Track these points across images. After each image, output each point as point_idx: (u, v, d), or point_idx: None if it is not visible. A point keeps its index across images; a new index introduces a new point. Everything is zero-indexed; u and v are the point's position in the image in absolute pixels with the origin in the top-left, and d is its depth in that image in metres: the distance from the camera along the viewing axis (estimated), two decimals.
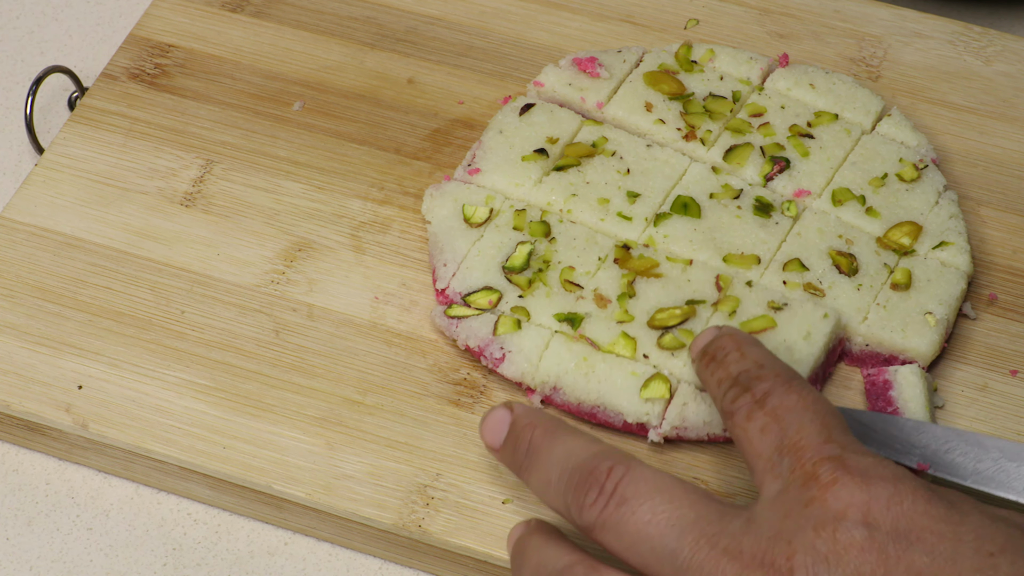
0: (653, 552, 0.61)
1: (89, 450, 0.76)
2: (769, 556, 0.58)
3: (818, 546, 0.58)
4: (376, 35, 0.91)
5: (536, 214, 0.79)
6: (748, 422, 0.63)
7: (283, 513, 0.74)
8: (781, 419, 0.62)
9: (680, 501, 0.61)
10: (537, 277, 0.77)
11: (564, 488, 0.64)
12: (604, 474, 0.63)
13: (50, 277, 0.80)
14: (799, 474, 0.60)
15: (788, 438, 0.62)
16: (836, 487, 0.59)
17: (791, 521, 0.59)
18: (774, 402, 0.63)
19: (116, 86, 0.88)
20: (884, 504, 0.59)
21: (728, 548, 0.59)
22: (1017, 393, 0.77)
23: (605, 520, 0.62)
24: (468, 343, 0.76)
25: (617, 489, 0.62)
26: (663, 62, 0.86)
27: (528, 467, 0.66)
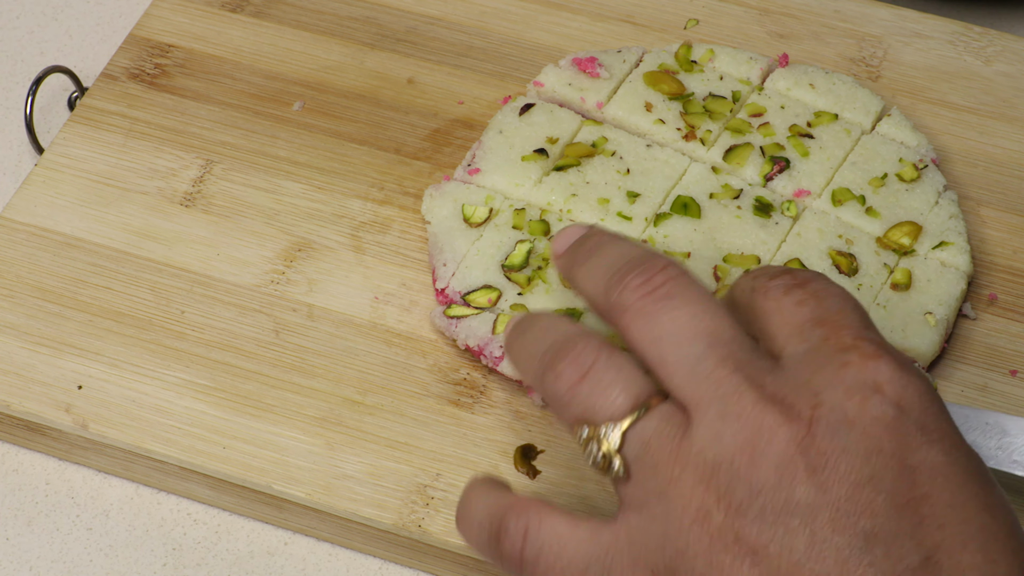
0: (677, 351, 0.59)
1: (89, 450, 0.76)
2: (791, 399, 0.57)
3: (847, 408, 0.57)
4: (376, 35, 0.91)
5: (535, 213, 0.79)
6: (785, 296, 0.61)
7: (283, 513, 0.74)
8: (822, 300, 0.60)
9: (722, 320, 0.59)
10: (536, 275, 0.77)
11: (612, 273, 0.62)
12: (657, 267, 0.61)
13: (50, 277, 0.80)
14: (835, 343, 0.59)
15: (829, 315, 0.60)
16: (877, 361, 0.58)
17: (822, 376, 0.58)
18: (816, 286, 0.61)
19: (116, 86, 0.88)
20: (917, 394, 0.58)
21: (751, 376, 0.58)
22: (1017, 393, 0.77)
23: (642, 307, 0.60)
24: (468, 343, 0.76)
25: (665, 284, 0.60)
26: (663, 62, 0.86)
27: (584, 260, 0.64)
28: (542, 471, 0.74)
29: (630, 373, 0.60)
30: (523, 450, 0.74)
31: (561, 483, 0.74)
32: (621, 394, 0.60)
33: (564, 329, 0.63)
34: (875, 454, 0.56)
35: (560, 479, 0.74)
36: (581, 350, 0.61)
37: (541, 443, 0.75)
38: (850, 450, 0.56)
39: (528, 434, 0.75)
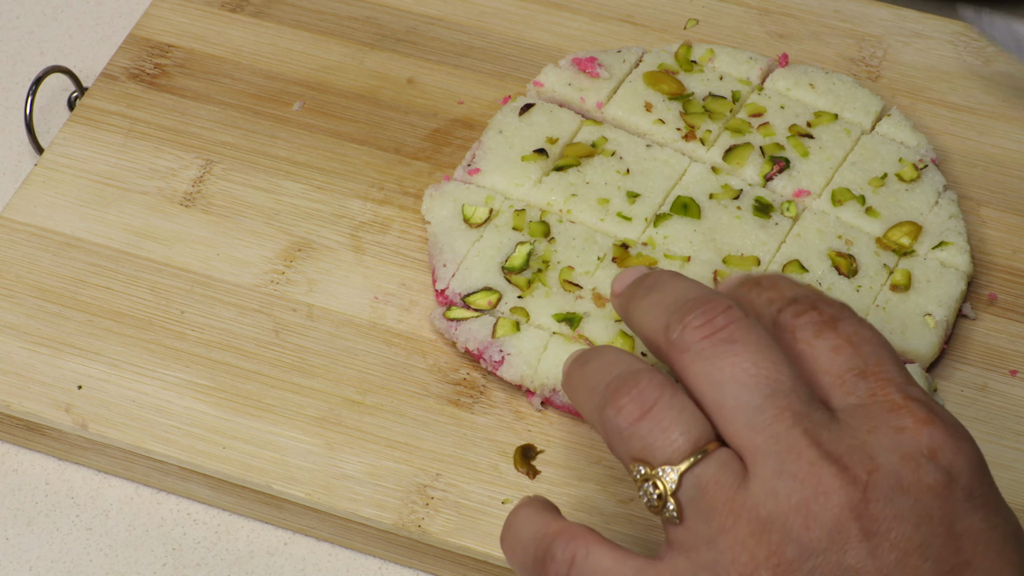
0: (736, 398, 0.59)
1: (89, 450, 0.76)
2: (847, 459, 0.57)
3: (902, 474, 0.57)
4: (376, 35, 0.91)
5: (536, 214, 0.79)
6: (817, 339, 0.61)
7: (283, 513, 0.74)
8: (858, 347, 0.60)
9: (782, 368, 0.59)
10: (536, 277, 0.77)
11: (673, 309, 0.62)
12: (720, 308, 0.61)
13: (50, 277, 0.80)
14: (884, 401, 0.59)
15: (869, 366, 0.60)
16: (931, 427, 0.58)
17: (878, 438, 0.58)
18: (847, 328, 0.61)
19: (116, 86, 0.88)
20: (967, 461, 0.58)
21: (809, 431, 0.58)
22: (1017, 393, 0.77)
23: (704, 348, 0.60)
24: (467, 345, 0.76)
25: (727, 327, 0.60)
26: (663, 62, 0.86)
27: (643, 296, 0.64)
28: (542, 471, 0.74)
29: (691, 415, 0.60)
30: (523, 450, 0.74)
31: (561, 483, 0.74)
32: (681, 436, 0.59)
33: (629, 364, 0.62)
34: (926, 521, 0.57)
35: (560, 479, 0.74)
36: (645, 386, 0.61)
37: (541, 443, 0.75)
38: (903, 517, 0.57)
39: (528, 434, 0.75)
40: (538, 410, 0.76)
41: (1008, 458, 0.75)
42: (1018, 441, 0.75)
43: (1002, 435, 0.75)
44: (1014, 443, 0.75)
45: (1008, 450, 0.75)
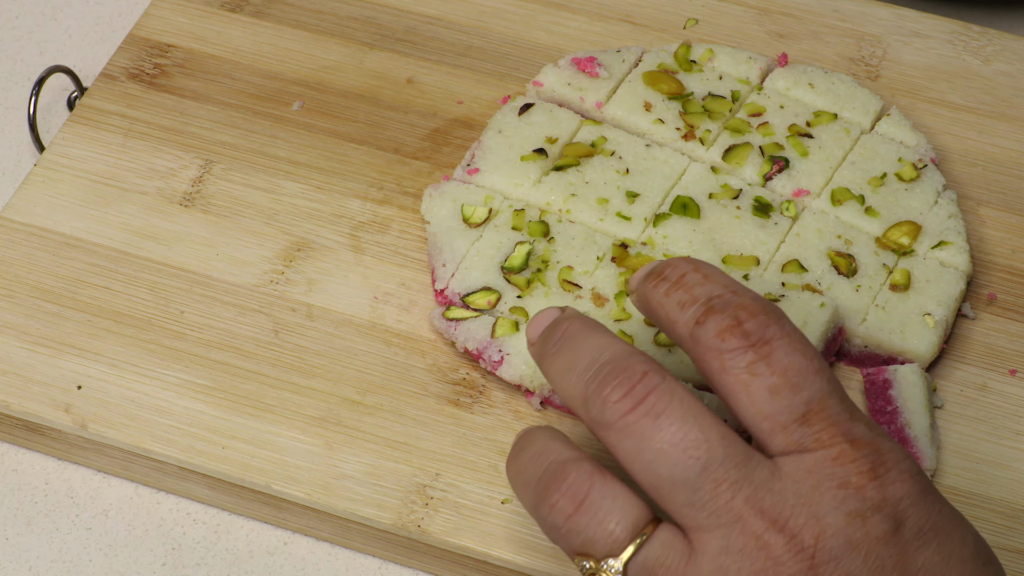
0: (670, 477, 0.58)
1: (88, 450, 0.76)
2: (793, 524, 0.57)
3: (848, 533, 0.57)
4: (375, 35, 0.91)
5: (535, 214, 0.79)
6: (752, 377, 0.59)
7: (282, 513, 0.74)
8: (796, 385, 0.58)
9: (711, 433, 0.58)
10: (536, 277, 0.77)
11: (589, 377, 0.60)
12: (638, 376, 0.59)
13: (49, 277, 0.80)
14: (828, 448, 0.58)
15: (811, 406, 0.58)
16: (876, 481, 0.58)
17: (821, 496, 0.57)
18: (781, 358, 0.59)
19: (115, 86, 0.88)
20: (911, 501, 0.58)
21: (751, 498, 0.57)
22: (1016, 393, 0.77)
23: (628, 425, 0.58)
24: (467, 345, 0.76)
25: (648, 397, 0.58)
26: (662, 62, 0.86)
27: (556, 352, 0.62)
28: None
29: (625, 500, 0.59)
30: None
31: None
32: (618, 525, 0.59)
33: (556, 455, 0.61)
34: (879, 572, 0.57)
35: None
36: (574, 479, 0.60)
37: None
38: (855, 574, 0.57)
39: None
40: (537, 410, 0.76)
41: (1007, 457, 0.75)
42: (1017, 440, 0.75)
43: (1001, 435, 0.75)
44: (1013, 443, 0.75)
45: (1007, 449, 0.75)
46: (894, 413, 0.74)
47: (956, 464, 0.74)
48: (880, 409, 0.74)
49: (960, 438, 0.75)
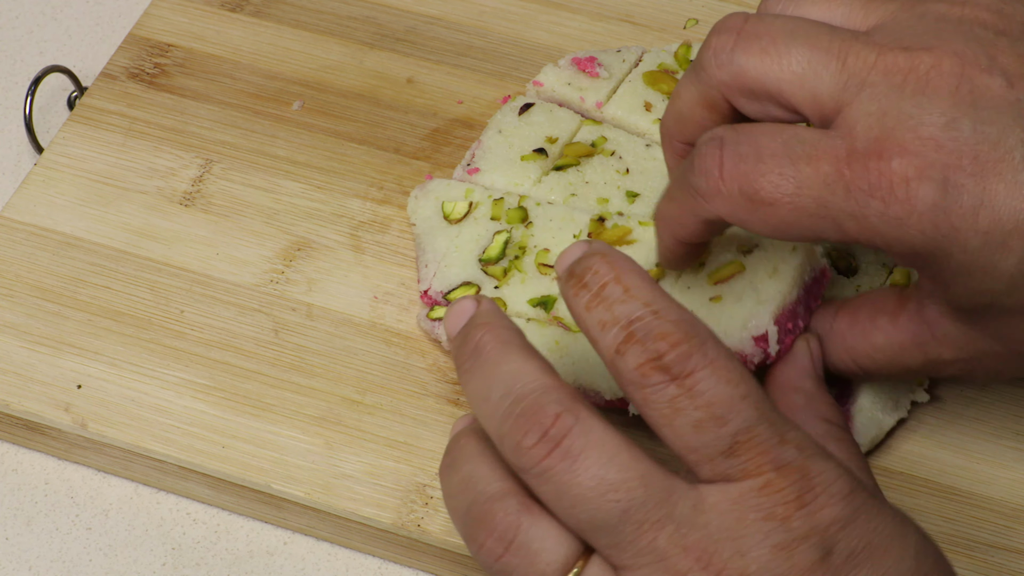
0: (592, 521, 0.57)
1: (88, 449, 0.76)
2: (718, 561, 0.56)
3: (773, 566, 0.56)
4: (375, 35, 0.91)
5: (514, 200, 0.79)
6: (676, 415, 0.57)
7: (282, 512, 0.74)
8: (721, 419, 0.57)
9: (628, 471, 0.57)
10: (512, 265, 0.77)
11: (503, 414, 0.58)
12: (551, 419, 0.57)
13: (49, 276, 0.80)
14: (754, 478, 0.57)
15: (737, 436, 0.57)
16: (802, 510, 0.57)
17: (746, 529, 0.57)
18: (705, 391, 0.57)
19: (115, 86, 0.88)
20: (840, 525, 0.57)
21: (674, 538, 0.56)
22: (1016, 393, 0.77)
23: (544, 471, 0.57)
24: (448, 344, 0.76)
25: (563, 441, 0.57)
26: (662, 62, 0.86)
27: (470, 370, 0.60)
28: None
29: (554, 538, 0.58)
30: None
31: None
32: (549, 565, 0.58)
33: (483, 487, 0.60)
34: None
35: None
36: (501, 520, 0.59)
37: None
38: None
39: None
40: None
41: (1008, 458, 0.75)
42: (1017, 441, 0.75)
43: (1001, 435, 0.75)
44: (1013, 443, 0.75)
45: (1008, 450, 0.75)
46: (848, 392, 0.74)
47: (956, 464, 0.74)
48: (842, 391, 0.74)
49: (960, 438, 0.75)
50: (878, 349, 0.70)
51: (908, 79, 0.61)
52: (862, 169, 0.60)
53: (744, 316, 0.71)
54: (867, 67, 0.62)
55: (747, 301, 0.71)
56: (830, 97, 0.63)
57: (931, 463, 0.74)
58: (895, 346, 0.69)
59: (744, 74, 0.64)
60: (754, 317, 0.71)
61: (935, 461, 0.74)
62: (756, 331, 0.70)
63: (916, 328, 0.68)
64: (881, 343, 0.69)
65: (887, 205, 0.60)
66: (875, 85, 0.62)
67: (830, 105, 0.63)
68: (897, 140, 0.60)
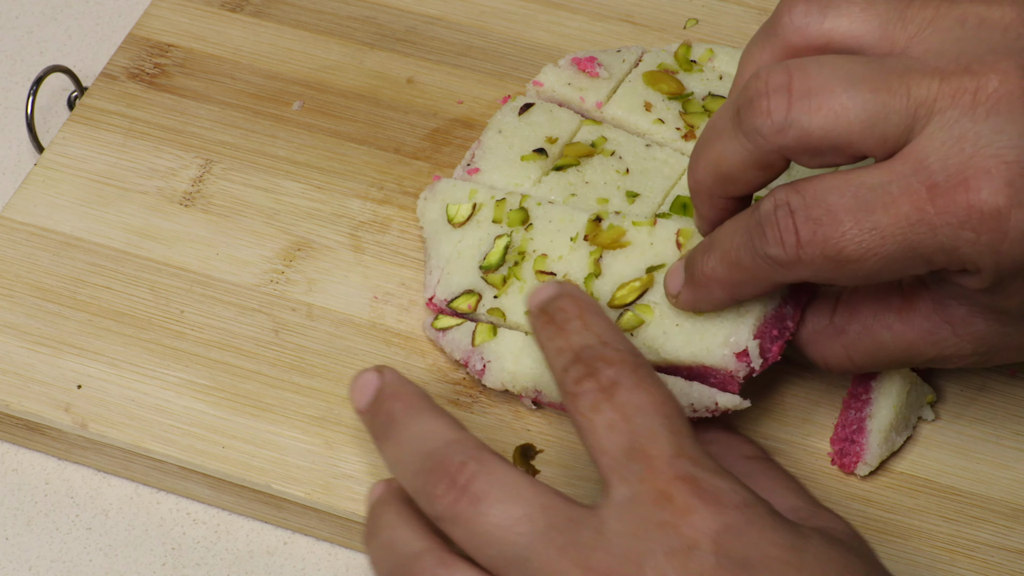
0: (502, 556, 0.59)
1: (88, 449, 0.76)
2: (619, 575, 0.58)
3: (668, 574, 0.57)
4: (376, 35, 0.91)
5: (515, 201, 0.79)
6: (594, 414, 0.60)
7: (282, 512, 0.74)
8: (631, 419, 0.60)
9: (531, 504, 0.59)
10: (512, 272, 0.76)
11: (415, 471, 0.61)
12: (456, 467, 0.60)
13: (49, 277, 0.80)
14: (651, 488, 0.59)
15: (638, 443, 0.59)
16: (691, 516, 0.58)
17: (642, 543, 0.58)
18: (623, 397, 0.61)
19: (115, 86, 0.88)
20: (734, 533, 0.58)
21: (578, 561, 0.58)
22: (1016, 393, 0.77)
23: (455, 515, 0.60)
24: (455, 356, 0.76)
25: (469, 486, 0.60)
26: (662, 62, 0.85)
27: (384, 438, 0.63)
28: (541, 470, 0.74)
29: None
30: (522, 450, 0.74)
31: (560, 482, 0.74)
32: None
33: (403, 548, 0.62)
34: None
35: (559, 478, 0.74)
36: (418, 573, 0.61)
37: (540, 442, 0.75)
38: None
39: (527, 434, 0.75)
40: (531, 410, 0.76)
41: (1007, 458, 0.75)
42: (1017, 441, 0.75)
43: (1002, 435, 0.75)
44: (1013, 443, 0.75)
45: (1007, 450, 0.75)
46: (865, 402, 0.74)
47: (956, 464, 0.74)
48: (856, 395, 0.75)
49: (960, 438, 0.75)
50: (882, 347, 0.70)
51: (978, 102, 0.61)
52: (949, 203, 0.61)
53: (725, 332, 0.71)
54: (932, 96, 0.62)
55: (728, 315, 0.71)
56: (898, 134, 0.62)
57: (931, 463, 0.74)
58: (904, 344, 0.69)
59: (809, 135, 0.64)
60: (734, 333, 0.71)
61: (935, 461, 0.75)
62: (737, 347, 0.71)
63: (932, 326, 0.68)
64: (887, 340, 0.69)
65: (979, 235, 0.61)
66: (944, 111, 0.61)
67: (898, 140, 0.63)
68: (980, 167, 0.60)
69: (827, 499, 0.73)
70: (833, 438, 0.75)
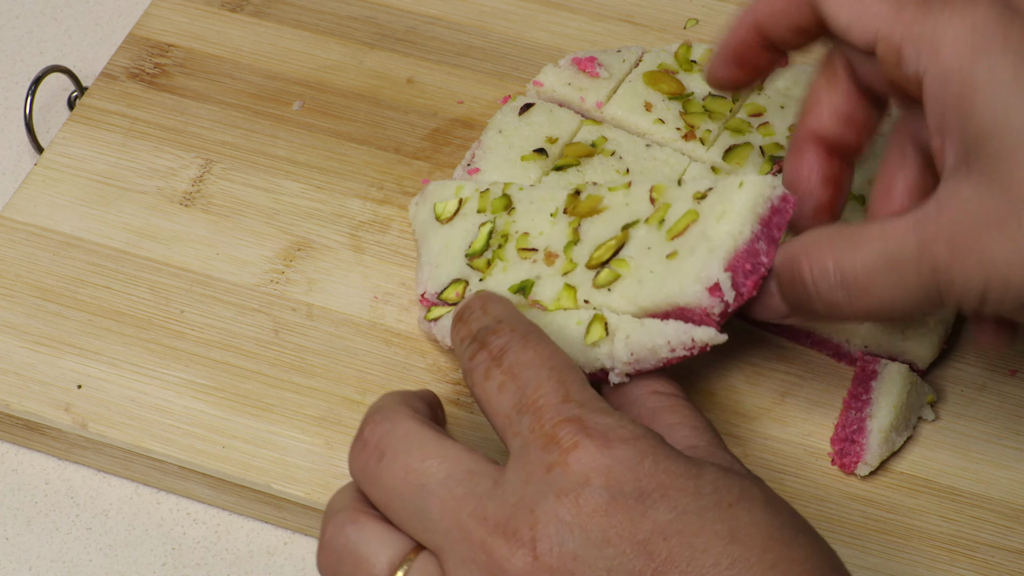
0: (404, 509, 0.60)
1: (88, 449, 0.76)
2: (512, 524, 0.58)
3: (561, 514, 0.58)
4: (376, 35, 0.91)
5: (499, 190, 0.79)
6: (486, 380, 0.62)
7: (282, 512, 0.74)
8: (518, 376, 0.62)
9: (432, 459, 0.60)
10: (496, 255, 0.76)
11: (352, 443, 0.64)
12: (370, 428, 0.62)
13: (49, 276, 0.80)
14: (539, 435, 0.59)
15: (526, 396, 0.61)
16: (577, 451, 0.58)
17: (532, 487, 0.58)
18: (510, 359, 0.62)
19: (116, 86, 0.88)
20: (625, 466, 0.58)
21: (474, 512, 0.59)
22: (1016, 393, 0.77)
23: (365, 471, 0.61)
24: (447, 343, 0.76)
25: (379, 443, 0.61)
26: (663, 62, 0.85)
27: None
28: None
29: (380, 540, 0.61)
30: None
31: None
32: (377, 564, 0.61)
33: (328, 511, 0.63)
34: (604, 545, 0.57)
35: None
36: (332, 532, 0.62)
37: None
38: (578, 555, 0.57)
39: None
40: None
41: (1008, 458, 0.75)
42: (1017, 441, 0.75)
43: (1002, 435, 0.75)
44: (1013, 443, 0.75)
45: (1008, 450, 0.75)
46: (865, 402, 0.74)
47: (956, 464, 0.74)
48: (857, 395, 0.75)
49: (960, 438, 0.75)
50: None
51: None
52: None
53: (697, 268, 0.69)
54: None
55: (699, 251, 0.69)
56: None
57: (931, 463, 0.74)
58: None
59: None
60: (704, 267, 0.68)
61: (935, 461, 0.75)
62: (707, 281, 0.68)
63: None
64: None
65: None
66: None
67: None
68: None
69: (827, 499, 0.73)
70: (833, 438, 0.75)
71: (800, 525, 0.59)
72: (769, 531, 0.58)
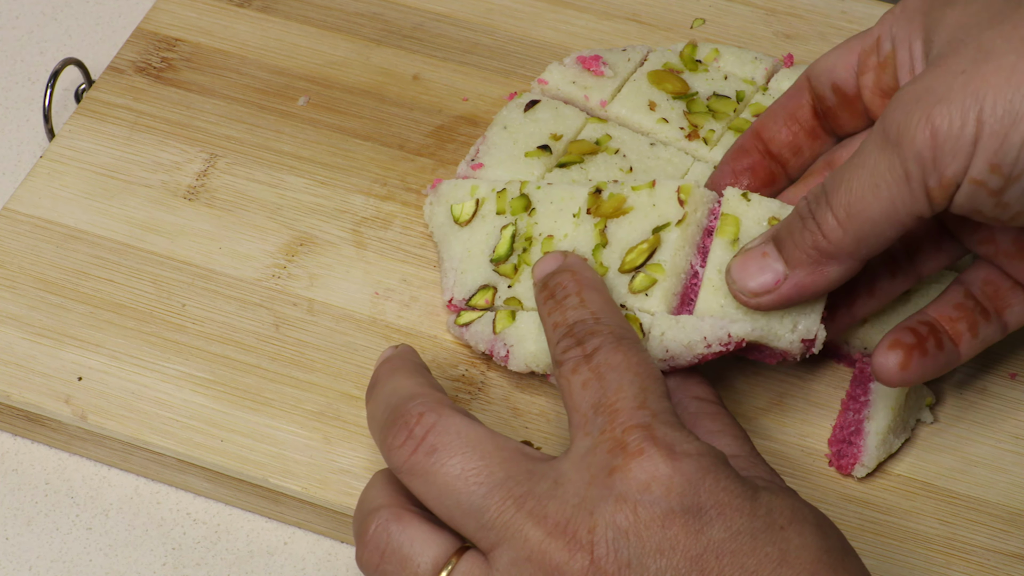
0: (459, 507, 0.60)
1: (88, 441, 0.76)
2: (572, 525, 0.59)
3: (619, 520, 0.58)
4: (382, 31, 0.91)
5: (515, 188, 0.79)
6: (573, 375, 0.63)
7: (280, 507, 0.74)
8: (603, 377, 0.62)
9: (491, 457, 0.61)
10: (522, 260, 0.76)
11: (381, 425, 0.64)
12: (414, 419, 0.62)
13: (52, 269, 0.80)
14: (608, 437, 0.60)
15: (606, 397, 0.61)
16: (641, 458, 0.59)
17: (594, 490, 0.59)
18: (600, 358, 0.63)
19: (122, 79, 0.88)
20: (687, 479, 0.59)
21: (533, 511, 0.59)
22: (1016, 395, 0.76)
23: (413, 466, 0.61)
24: (479, 348, 0.76)
25: (427, 437, 0.62)
26: (667, 61, 0.85)
27: (367, 399, 0.66)
28: None
29: (424, 540, 0.62)
30: None
31: None
32: (421, 565, 0.61)
33: (367, 505, 0.64)
34: (657, 555, 0.58)
35: None
36: (374, 531, 0.62)
37: (538, 439, 0.75)
38: (634, 563, 0.58)
39: (525, 431, 0.75)
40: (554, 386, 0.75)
41: (1005, 461, 0.74)
42: (1016, 444, 0.75)
43: (1001, 438, 0.75)
44: (1011, 446, 0.75)
45: (1006, 453, 0.75)
46: (863, 404, 0.74)
47: (954, 467, 0.74)
48: (855, 397, 0.75)
49: (959, 441, 0.75)
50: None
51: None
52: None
53: (792, 317, 0.70)
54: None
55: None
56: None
57: (929, 466, 0.74)
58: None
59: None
60: (803, 319, 0.70)
61: (933, 464, 0.74)
62: (807, 335, 0.71)
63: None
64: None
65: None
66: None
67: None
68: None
69: (824, 500, 0.73)
70: (831, 439, 0.74)
71: (847, 548, 0.61)
72: (818, 555, 0.59)
